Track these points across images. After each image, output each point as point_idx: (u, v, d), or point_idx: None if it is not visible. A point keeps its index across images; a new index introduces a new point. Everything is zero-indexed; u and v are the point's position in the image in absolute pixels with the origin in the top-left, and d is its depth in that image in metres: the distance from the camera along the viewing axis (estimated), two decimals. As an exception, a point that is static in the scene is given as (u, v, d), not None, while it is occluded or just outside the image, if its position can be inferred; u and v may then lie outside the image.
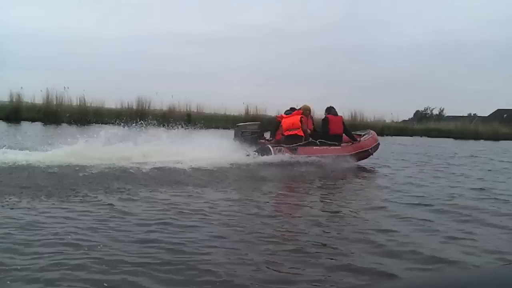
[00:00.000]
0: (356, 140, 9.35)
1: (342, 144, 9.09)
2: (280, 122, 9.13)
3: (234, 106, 25.44)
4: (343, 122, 9.36)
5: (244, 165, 7.67)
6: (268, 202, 5.21)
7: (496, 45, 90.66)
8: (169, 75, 56.50)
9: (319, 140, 8.86)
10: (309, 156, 8.36)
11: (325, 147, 8.76)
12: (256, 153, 8.27)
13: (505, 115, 50.08)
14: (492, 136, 28.50)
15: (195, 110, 24.34)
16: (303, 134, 8.77)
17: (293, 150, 8.41)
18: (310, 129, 9.05)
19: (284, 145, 8.46)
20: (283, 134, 8.88)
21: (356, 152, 9.09)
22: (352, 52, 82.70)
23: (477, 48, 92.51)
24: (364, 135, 9.80)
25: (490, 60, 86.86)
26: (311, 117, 9.53)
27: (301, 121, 8.82)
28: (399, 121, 35.69)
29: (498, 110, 55.19)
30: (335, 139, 8.97)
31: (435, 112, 54.39)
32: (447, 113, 51.60)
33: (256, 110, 23.80)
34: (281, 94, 50.75)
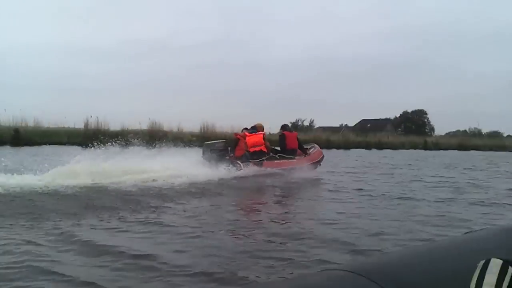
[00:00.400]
0: (307, 154, 10.46)
1: (296, 157, 10.11)
2: (238, 140, 9.95)
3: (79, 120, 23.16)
4: (298, 138, 10.46)
5: (219, 179, 8.16)
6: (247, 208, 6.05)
7: (365, 60, 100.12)
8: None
9: (278, 155, 9.98)
10: (272, 169, 9.40)
11: (284, 160, 9.85)
12: (229, 168, 8.98)
13: (368, 125, 54.16)
14: (343, 145, 29.73)
15: (32, 125, 22.19)
16: (266, 150, 9.73)
17: (259, 164, 9.38)
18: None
19: (251, 160, 9.38)
20: (247, 151, 9.63)
21: (309, 164, 10.17)
22: (232, 67, 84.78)
23: (348, 62, 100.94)
24: (310, 148, 10.88)
25: (359, 74, 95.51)
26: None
27: (264, 138, 9.84)
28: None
29: (362, 120, 59.77)
30: (291, 153, 10.10)
31: (306, 123, 56.94)
32: (317, 124, 54.17)
33: (97, 123, 21.80)
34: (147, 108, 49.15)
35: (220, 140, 10.70)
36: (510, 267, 0.75)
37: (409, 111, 70.12)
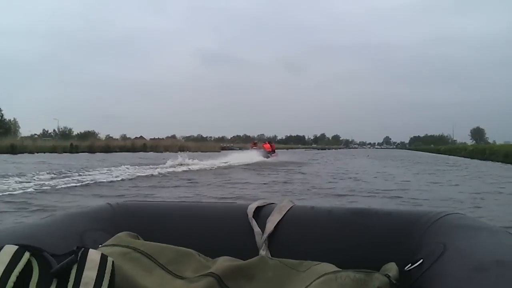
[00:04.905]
0: (275, 153, 29.17)
1: (274, 154, 28.84)
2: (255, 145, 32.25)
3: None
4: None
5: (261, 161, 24.39)
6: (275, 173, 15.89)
7: None
8: None
9: (271, 152, 28.64)
10: (274, 158, 27.55)
11: (273, 155, 28.52)
12: (264, 157, 26.73)
13: None
14: None
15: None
16: (271, 150, 29.23)
17: (272, 156, 27.96)
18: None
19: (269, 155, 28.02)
20: (265, 151, 28.69)
21: (277, 156, 28.40)
22: None
23: None
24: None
25: None
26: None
27: (271, 146, 30.16)
28: None
29: None
30: (274, 152, 29.39)
31: None
32: None
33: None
34: None
35: (259, 147, 30.08)
36: (27, 252, 0.69)
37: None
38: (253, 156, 25.83)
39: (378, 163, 25.70)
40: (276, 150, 30.72)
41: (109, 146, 49.90)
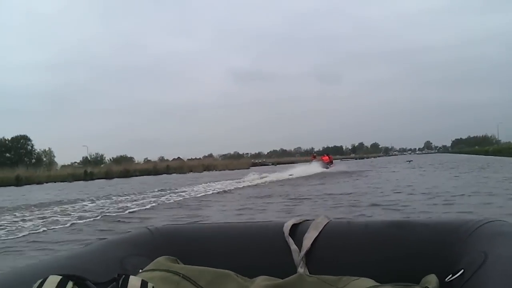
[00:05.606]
0: (332, 163, 30.60)
1: (331, 165, 30.79)
2: (315, 158, 33.09)
3: None
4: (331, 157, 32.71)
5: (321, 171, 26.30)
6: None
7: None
8: None
9: (329, 163, 30.44)
10: (332, 168, 29.15)
11: (331, 165, 30.35)
12: (324, 168, 28.24)
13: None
14: None
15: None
16: (329, 161, 31.06)
17: (330, 166, 29.53)
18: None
19: (328, 166, 29.84)
20: (324, 162, 30.12)
21: (334, 166, 30.24)
22: None
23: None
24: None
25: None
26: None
27: (329, 158, 32.14)
28: None
29: None
30: (332, 163, 31.26)
31: None
32: None
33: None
34: None
35: (319, 159, 31.82)
36: (70, 281, 0.71)
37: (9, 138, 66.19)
38: (314, 168, 27.32)
39: (422, 173, 20.58)
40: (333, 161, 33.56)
41: (128, 171, 46.80)
